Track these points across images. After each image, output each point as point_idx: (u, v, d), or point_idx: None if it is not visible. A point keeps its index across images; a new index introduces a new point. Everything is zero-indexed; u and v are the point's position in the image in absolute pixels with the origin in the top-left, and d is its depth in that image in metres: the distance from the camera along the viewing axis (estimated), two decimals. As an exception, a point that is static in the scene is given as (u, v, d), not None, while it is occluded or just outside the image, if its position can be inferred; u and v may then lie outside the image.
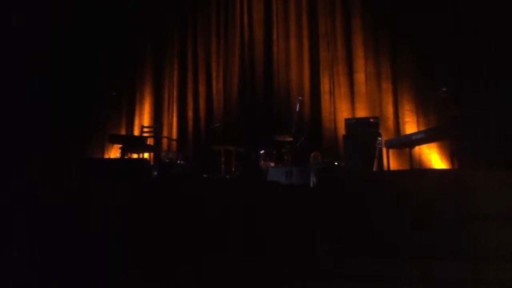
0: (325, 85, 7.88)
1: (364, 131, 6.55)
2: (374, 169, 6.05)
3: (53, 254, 3.19)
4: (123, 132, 8.62)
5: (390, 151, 6.50)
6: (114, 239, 3.27)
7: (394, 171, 6.28)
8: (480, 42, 6.16)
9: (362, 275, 2.86)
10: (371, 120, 6.71)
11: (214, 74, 8.67)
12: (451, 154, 5.92)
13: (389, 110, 7.32)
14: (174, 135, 8.64)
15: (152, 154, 8.07)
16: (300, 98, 7.22)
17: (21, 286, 2.93)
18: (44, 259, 3.12)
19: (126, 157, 7.07)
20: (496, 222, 2.92)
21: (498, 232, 2.89)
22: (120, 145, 7.04)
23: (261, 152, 6.99)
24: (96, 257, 3.13)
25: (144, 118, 8.75)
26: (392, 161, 6.69)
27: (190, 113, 8.67)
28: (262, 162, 6.92)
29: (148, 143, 7.75)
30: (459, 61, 6.45)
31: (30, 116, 6.84)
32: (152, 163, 7.61)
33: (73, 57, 7.94)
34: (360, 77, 7.62)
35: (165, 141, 8.50)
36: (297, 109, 7.02)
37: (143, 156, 7.45)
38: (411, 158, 6.43)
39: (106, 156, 8.19)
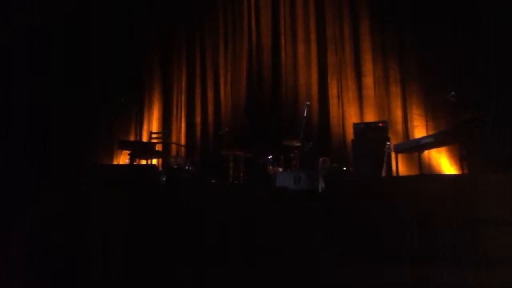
0: (333, 90, 7.85)
1: (372, 136, 6.51)
2: (383, 174, 6.01)
3: (58, 258, 3.22)
4: (132, 138, 8.66)
5: (399, 155, 6.46)
6: (116, 246, 3.29)
7: (402, 177, 6.23)
8: (490, 46, 6.10)
9: (368, 283, 2.84)
10: (380, 124, 6.67)
11: (222, 80, 8.69)
12: (460, 158, 5.86)
13: (398, 114, 7.26)
14: (183, 140, 8.66)
15: (160, 160, 8.10)
16: (308, 103, 7.19)
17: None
18: (49, 264, 3.14)
19: (134, 163, 7.10)
20: (502, 227, 2.88)
21: (504, 237, 2.85)
22: (129, 151, 7.07)
23: (269, 157, 6.98)
24: (97, 263, 3.15)
25: (152, 124, 8.79)
26: (401, 166, 6.65)
27: (198, 119, 8.69)
28: (270, 167, 6.91)
29: (157, 149, 7.78)
30: (468, 65, 6.39)
31: (36, 122, 6.89)
32: (160, 169, 7.63)
33: (81, 62, 8.01)
34: (368, 81, 7.59)
35: (173, 147, 8.53)
36: (305, 114, 6.99)
37: (151, 162, 7.48)
38: (420, 163, 6.39)
39: (115, 162, 8.23)
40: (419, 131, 6.96)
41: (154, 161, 7.75)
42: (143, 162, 7.46)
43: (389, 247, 3.10)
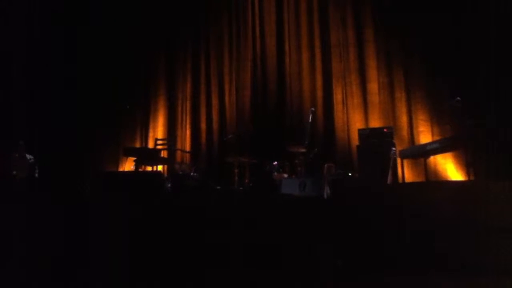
0: (337, 96, 7.85)
1: (378, 142, 6.49)
2: (389, 180, 5.97)
3: (58, 258, 3.24)
4: (137, 145, 8.69)
5: (405, 161, 6.42)
6: (120, 251, 3.30)
7: (408, 184, 6.19)
8: (494, 52, 6.08)
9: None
10: (385, 130, 6.65)
11: (226, 87, 8.71)
12: (466, 164, 5.83)
13: (403, 119, 7.25)
14: (187, 147, 8.67)
15: (165, 166, 8.11)
16: (312, 109, 7.19)
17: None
18: (49, 264, 3.17)
19: (140, 170, 7.11)
20: (505, 235, 2.85)
21: (506, 246, 2.83)
22: (135, 158, 7.09)
23: (274, 163, 6.97)
24: (100, 268, 3.16)
25: (158, 131, 8.82)
26: (406, 172, 6.61)
27: (203, 125, 8.71)
28: (276, 174, 6.90)
29: (162, 155, 7.79)
30: (472, 71, 6.37)
31: (43, 129, 6.94)
32: (165, 175, 7.65)
33: (88, 71, 8.07)
34: (373, 87, 7.58)
35: (178, 153, 8.54)
36: (310, 120, 6.98)
37: (157, 168, 7.49)
38: (426, 169, 6.35)
39: (121, 169, 8.26)
40: (425, 137, 6.94)
41: (160, 168, 7.76)
42: (149, 168, 7.47)
43: (389, 254, 3.08)
